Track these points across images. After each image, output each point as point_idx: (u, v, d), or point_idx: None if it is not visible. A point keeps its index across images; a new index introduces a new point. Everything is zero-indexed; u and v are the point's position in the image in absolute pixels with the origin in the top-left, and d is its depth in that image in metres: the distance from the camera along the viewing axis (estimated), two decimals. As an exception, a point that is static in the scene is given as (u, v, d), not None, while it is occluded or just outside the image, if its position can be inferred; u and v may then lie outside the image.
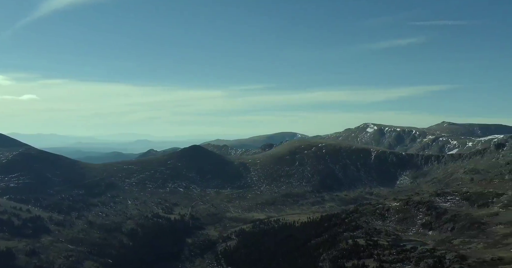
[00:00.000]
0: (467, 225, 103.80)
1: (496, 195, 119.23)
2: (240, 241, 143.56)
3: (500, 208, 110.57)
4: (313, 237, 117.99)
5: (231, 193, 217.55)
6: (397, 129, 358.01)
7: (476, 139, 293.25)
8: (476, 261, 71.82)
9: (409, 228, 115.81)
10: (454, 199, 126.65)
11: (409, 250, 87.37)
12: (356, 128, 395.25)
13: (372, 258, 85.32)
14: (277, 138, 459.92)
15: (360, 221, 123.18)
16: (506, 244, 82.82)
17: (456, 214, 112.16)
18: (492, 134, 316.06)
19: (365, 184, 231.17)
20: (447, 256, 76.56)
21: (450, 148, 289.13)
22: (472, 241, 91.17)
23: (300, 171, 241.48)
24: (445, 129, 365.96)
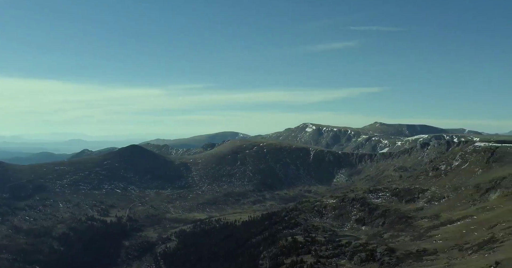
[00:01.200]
0: (396, 220, 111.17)
1: (421, 191, 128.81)
2: (180, 242, 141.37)
3: (424, 203, 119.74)
4: (253, 236, 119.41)
5: (171, 193, 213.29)
6: (334, 129, 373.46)
7: (405, 138, 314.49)
8: (403, 253, 77.16)
9: (344, 224, 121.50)
10: (385, 195, 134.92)
11: (344, 245, 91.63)
12: (296, 128, 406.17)
13: (310, 254, 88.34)
14: (218, 137, 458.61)
15: (299, 218, 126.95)
16: (429, 236, 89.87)
17: (386, 210, 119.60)
18: (418, 133, 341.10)
19: (304, 182, 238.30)
20: (378, 249, 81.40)
21: (382, 147, 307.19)
22: (400, 234, 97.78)
23: (241, 170, 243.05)
24: (377, 129, 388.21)
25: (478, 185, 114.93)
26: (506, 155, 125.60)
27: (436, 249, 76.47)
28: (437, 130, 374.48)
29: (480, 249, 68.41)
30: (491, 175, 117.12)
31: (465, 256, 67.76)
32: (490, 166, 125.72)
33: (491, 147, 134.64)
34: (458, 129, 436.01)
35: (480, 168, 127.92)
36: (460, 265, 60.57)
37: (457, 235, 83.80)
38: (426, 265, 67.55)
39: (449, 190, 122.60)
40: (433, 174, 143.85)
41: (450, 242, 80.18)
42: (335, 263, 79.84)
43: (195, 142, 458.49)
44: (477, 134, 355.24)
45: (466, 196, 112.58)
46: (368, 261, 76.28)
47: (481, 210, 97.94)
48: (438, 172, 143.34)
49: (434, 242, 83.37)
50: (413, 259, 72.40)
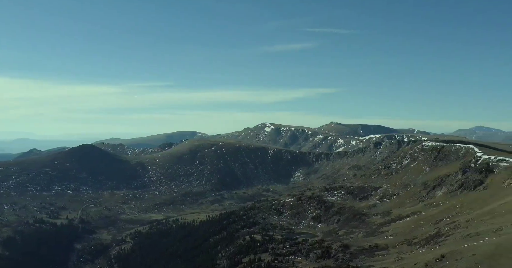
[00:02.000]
0: (350, 217, 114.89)
1: (374, 189, 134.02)
2: (135, 244, 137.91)
3: (377, 200, 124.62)
4: (211, 235, 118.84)
5: (127, 193, 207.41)
6: (292, 129, 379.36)
7: (359, 138, 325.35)
8: (357, 249, 79.85)
9: (301, 222, 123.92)
10: (340, 193, 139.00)
11: (300, 242, 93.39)
12: (254, 127, 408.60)
13: (268, 252, 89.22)
14: (176, 136, 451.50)
15: (258, 217, 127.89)
16: (381, 232, 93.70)
17: (341, 207, 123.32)
18: (371, 133, 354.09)
19: (262, 181, 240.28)
20: (333, 246, 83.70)
21: (337, 146, 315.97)
22: (354, 231, 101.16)
23: (200, 169, 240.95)
24: (333, 129, 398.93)
25: (425, 182, 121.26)
26: (451, 154, 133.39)
27: (387, 244, 79.76)
28: (389, 130, 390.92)
29: (427, 243, 72.15)
30: (437, 172, 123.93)
31: (413, 251, 71.18)
32: (436, 164, 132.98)
33: (438, 146, 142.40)
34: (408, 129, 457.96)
35: (428, 166, 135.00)
36: (409, 259, 63.54)
37: (407, 231, 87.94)
38: (377, 260, 70.25)
39: (400, 187, 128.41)
40: (385, 172, 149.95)
41: (400, 237, 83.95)
42: (291, 261, 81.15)
43: (152, 141, 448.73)
44: (425, 134, 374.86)
45: (415, 193, 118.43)
46: (324, 258, 78.20)
47: (428, 206, 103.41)
48: (389, 170, 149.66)
49: (385, 238, 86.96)
50: (366, 254, 75.10)
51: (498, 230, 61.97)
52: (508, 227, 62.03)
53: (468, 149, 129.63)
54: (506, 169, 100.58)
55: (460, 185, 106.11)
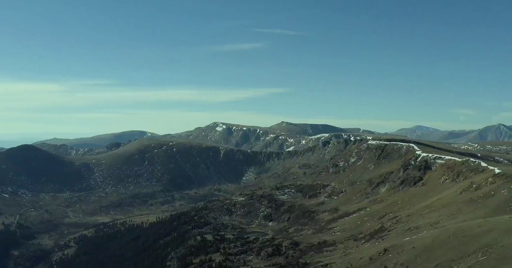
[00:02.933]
0: (300, 214, 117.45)
1: (323, 186, 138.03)
2: (80, 248, 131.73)
3: (325, 198, 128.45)
4: (161, 237, 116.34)
5: (70, 196, 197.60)
6: (244, 129, 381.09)
7: (308, 137, 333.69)
8: (306, 245, 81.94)
9: (252, 221, 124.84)
10: (290, 192, 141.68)
11: (252, 241, 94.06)
12: (206, 127, 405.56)
13: (219, 252, 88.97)
14: (125, 136, 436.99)
15: (209, 217, 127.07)
16: (329, 228, 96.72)
17: (292, 205, 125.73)
18: (320, 132, 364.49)
19: (214, 181, 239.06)
20: (284, 243, 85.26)
21: (288, 145, 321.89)
22: (304, 228, 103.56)
23: (149, 170, 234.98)
24: (284, 129, 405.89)
25: (370, 179, 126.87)
26: (393, 152, 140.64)
27: (335, 240, 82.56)
28: (337, 130, 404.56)
29: (372, 238, 75.62)
30: (381, 170, 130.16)
31: (359, 245, 74.27)
32: (380, 162, 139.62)
33: (381, 145, 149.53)
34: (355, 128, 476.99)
35: (372, 164, 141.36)
36: (355, 254, 66.21)
37: (353, 226, 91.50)
38: (325, 256, 72.52)
39: (347, 184, 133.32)
40: (333, 170, 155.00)
41: (347, 233, 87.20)
42: (243, 260, 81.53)
43: (98, 141, 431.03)
44: (370, 133, 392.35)
45: (361, 190, 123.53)
46: (274, 256, 79.37)
47: (373, 202, 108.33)
48: (337, 168, 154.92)
49: (333, 234, 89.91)
50: (315, 251, 77.25)
51: (435, 223, 66.30)
52: (443, 220, 66.57)
53: (408, 147, 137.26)
54: (442, 166, 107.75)
55: (401, 181, 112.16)
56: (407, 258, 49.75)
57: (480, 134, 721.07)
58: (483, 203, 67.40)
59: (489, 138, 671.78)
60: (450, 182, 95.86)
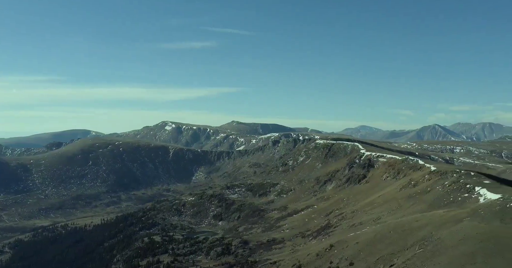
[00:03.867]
0: (250, 213, 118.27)
1: (272, 185, 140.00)
2: (15, 254, 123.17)
3: (275, 196, 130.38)
4: (106, 239, 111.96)
5: (5, 199, 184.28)
6: (194, 128, 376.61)
7: (259, 136, 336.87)
8: (255, 244, 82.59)
9: (202, 220, 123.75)
10: (240, 191, 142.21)
11: (201, 241, 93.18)
12: (155, 126, 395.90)
13: (167, 253, 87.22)
14: (66, 135, 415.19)
15: (157, 218, 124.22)
16: (278, 226, 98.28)
17: (242, 204, 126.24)
18: (270, 132, 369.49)
19: (163, 181, 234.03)
20: (233, 242, 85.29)
21: (239, 144, 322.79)
22: (253, 227, 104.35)
23: (94, 170, 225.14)
24: (234, 128, 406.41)
25: (318, 177, 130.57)
26: (339, 151, 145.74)
27: (283, 238, 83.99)
28: (286, 129, 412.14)
29: (319, 235, 77.84)
30: (328, 168, 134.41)
31: (306, 242, 76.15)
32: (327, 161, 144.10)
33: (328, 144, 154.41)
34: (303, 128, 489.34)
35: (320, 162, 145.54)
36: (303, 250, 67.80)
37: (301, 224, 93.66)
38: (274, 253, 73.57)
39: (295, 183, 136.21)
40: (282, 169, 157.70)
41: (295, 230, 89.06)
42: (192, 260, 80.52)
43: (36, 141, 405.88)
44: (318, 133, 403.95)
45: (309, 188, 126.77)
46: (224, 255, 79.17)
47: (320, 199, 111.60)
48: (286, 167, 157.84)
49: (282, 232, 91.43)
50: (264, 249, 78.10)
51: (377, 219, 69.55)
52: (385, 216, 70.02)
53: (354, 146, 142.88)
54: (384, 164, 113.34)
55: (347, 179, 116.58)
56: (351, 253, 51.75)
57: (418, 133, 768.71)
58: (420, 199, 71.72)
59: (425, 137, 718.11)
60: (391, 179, 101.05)
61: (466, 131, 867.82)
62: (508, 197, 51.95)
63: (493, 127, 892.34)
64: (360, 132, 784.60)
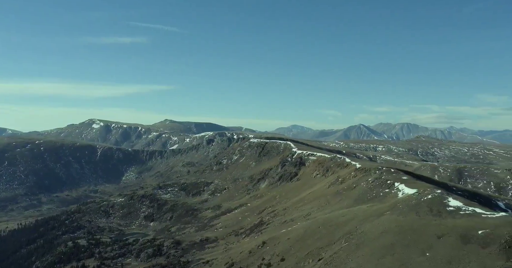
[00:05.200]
0: (183, 213, 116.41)
1: (206, 184, 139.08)
2: None
3: (209, 195, 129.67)
4: (24, 245, 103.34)
5: None
6: (124, 126, 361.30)
7: (192, 135, 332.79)
8: (188, 244, 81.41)
9: (132, 222, 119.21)
10: (173, 190, 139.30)
11: (131, 243, 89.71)
12: (81, 124, 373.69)
13: (94, 257, 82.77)
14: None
15: (83, 220, 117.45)
16: (212, 225, 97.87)
17: (175, 204, 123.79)
18: (204, 131, 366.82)
19: (90, 181, 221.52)
20: (165, 243, 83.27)
21: (172, 143, 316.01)
22: (187, 227, 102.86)
23: (10, 171, 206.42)
24: (167, 127, 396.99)
25: (252, 176, 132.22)
26: (273, 150, 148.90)
27: (217, 236, 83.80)
28: (220, 128, 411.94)
29: (252, 232, 78.85)
30: (262, 167, 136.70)
31: (240, 240, 76.73)
32: (261, 159, 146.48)
33: (262, 143, 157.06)
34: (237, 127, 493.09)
35: (254, 161, 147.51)
36: (236, 248, 68.22)
37: (234, 222, 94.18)
38: (207, 252, 73.15)
39: (229, 181, 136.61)
40: (216, 168, 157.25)
41: (228, 229, 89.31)
42: (120, 263, 77.22)
43: None
44: (251, 132, 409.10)
45: (242, 186, 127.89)
46: (155, 256, 77.02)
47: (254, 198, 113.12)
48: (221, 166, 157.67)
49: (215, 231, 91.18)
50: (197, 248, 77.28)
51: (307, 215, 72.16)
52: (314, 212, 72.88)
53: (286, 145, 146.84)
54: (314, 162, 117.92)
55: (279, 177, 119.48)
56: (282, 248, 53.14)
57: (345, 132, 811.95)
58: (346, 195, 75.71)
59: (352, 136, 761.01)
60: (321, 176, 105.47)
61: (387, 131, 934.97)
62: (423, 192, 56.78)
63: (410, 127, 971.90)
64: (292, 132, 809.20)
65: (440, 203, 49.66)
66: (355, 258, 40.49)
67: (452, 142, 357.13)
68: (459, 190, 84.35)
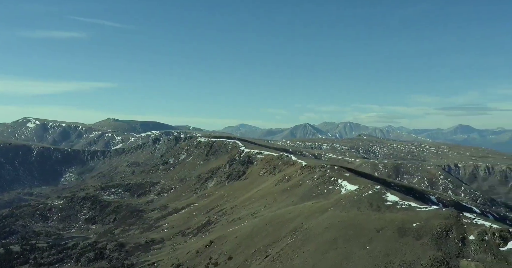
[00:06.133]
0: (128, 214, 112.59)
1: (152, 184, 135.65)
2: None
3: (155, 196, 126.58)
4: None
5: None
6: (63, 125, 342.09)
7: (138, 134, 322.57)
8: (132, 246, 78.88)
9: (72, 225, 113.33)
10: (117, 191, 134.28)
11: (70, 247, 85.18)
12: (14, 123, 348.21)
13: (28, 263, 77.52)
14: None
15: (16, 225, 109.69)
16: (158, 226, 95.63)
17: (118, 205, 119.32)
18: (150, 130, 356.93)
19: (24, 184, 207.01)
20: (108, 246, 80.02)
21: (115, 143, 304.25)
22: (131, 228, 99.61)
23: None
24: (110, 126, 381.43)
25: (199, 175, 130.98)
26: (221, 148, 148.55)
27: (163, 237, 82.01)
28: (167, 127, 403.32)
29: (199, 232, 78.12)
30: (209, 166, 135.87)
31: (187, 240, 75.70)
32: (208, 158, 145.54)
33: (210, 142, 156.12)
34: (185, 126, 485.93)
35: (201, 160, 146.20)
36: (182, 249, 67.21)
37: (181, 222, 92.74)
38: (153, 254, 71.34)
39: (177, 181, 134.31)
40: (163, 168, 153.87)
41: (175, 229, 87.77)
42: (59, 269, 73.16)
43: None
44: (199, 131, 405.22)
45: (190, 186, 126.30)
46: (97, 260, 73.72)
47: (201, 197, 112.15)
48: (167, 165, 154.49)
49: (161, 231, 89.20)
50: (142, 250, 75.08)
51: (255, 213, 72.88)
52: (262, 210, 73.79)
53: (234, 144, 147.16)
54: (261, 161, 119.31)
55: (227, 176, 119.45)
56: (230, 247, 53.23)
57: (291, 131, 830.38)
58: (293, 192, 77.47)
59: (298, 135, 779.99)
60: (268, 174, 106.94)
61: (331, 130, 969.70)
62: (364, 188, 59.56)
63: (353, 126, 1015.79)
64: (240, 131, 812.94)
65: (379, 198, 52.40)
66: (300, 254, 41.56)
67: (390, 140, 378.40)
68: (396, 185, 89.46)
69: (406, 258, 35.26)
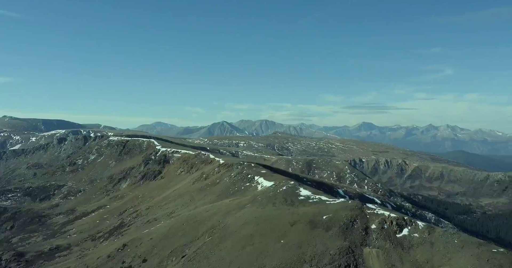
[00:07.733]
0: (28, 221, 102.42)
1: (58, 187, 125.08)
2: None
3: (61, 199, 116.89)
4: None
5: None
6: None
7: (40, 133, 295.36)
8: (34, 254, 71.96)
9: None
10: (16, 196, 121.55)
11: (-43, 262, 74.89)
12: None
13: None
14: None
15: None
16: (64, 232, 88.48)
17: (17, 211, 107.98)
18: (55, 128, 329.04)
19: None
20: (4, 256, 71.93)
21: (13, 143, 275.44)
22: (32, 236, 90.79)
23: None
24: (7, 124, 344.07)
25: (111, 176, 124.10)
26: (135, 148, 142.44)
27: (70, 243, 76.14)
28: (74, 126, 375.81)
29: (111, 235, 74.00)
30: (123, 166, 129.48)
31: (97, 245, 71.22)
32: (122, 158, 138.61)
33: (123, 141, 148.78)
34: (95, 124, 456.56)
35: (114, 160, 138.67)
36: (92, 254, 63.08)
37: (91, 226, 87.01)
38: (58, 262, 65.86)
39: (86, 183, 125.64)
40: (70, 169, 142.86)
41: (84, 234, 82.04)
42: None
43: None
44: (111, 129, 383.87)
45: (101, 187, 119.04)
46: (-9, 274, 65.98)
47: (114, 199, 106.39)
48: (75, 166, 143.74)
49: (68, 237, 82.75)
50: (45, 258, 68.85)
51: (171, 213, 71.28)
52: (179, 209, 72.45)
53: (149, 143, 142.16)
54: (178, 159, 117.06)
55: (142, 176, 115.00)
56: (145, 249, 51.37)
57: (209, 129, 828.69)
58: (210, 190, 77.33)
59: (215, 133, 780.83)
60: (185, 173, 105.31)
61: (248, 128, 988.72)
62: (279, 184, 61.70)
63: (268, 124, 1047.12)
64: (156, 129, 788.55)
65: (293, 193, 54.72)
66: (217, 252, 41.67)
67: (303, 137, 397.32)
68: (309, 180, 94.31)
69: (317, 249, 37.35)
